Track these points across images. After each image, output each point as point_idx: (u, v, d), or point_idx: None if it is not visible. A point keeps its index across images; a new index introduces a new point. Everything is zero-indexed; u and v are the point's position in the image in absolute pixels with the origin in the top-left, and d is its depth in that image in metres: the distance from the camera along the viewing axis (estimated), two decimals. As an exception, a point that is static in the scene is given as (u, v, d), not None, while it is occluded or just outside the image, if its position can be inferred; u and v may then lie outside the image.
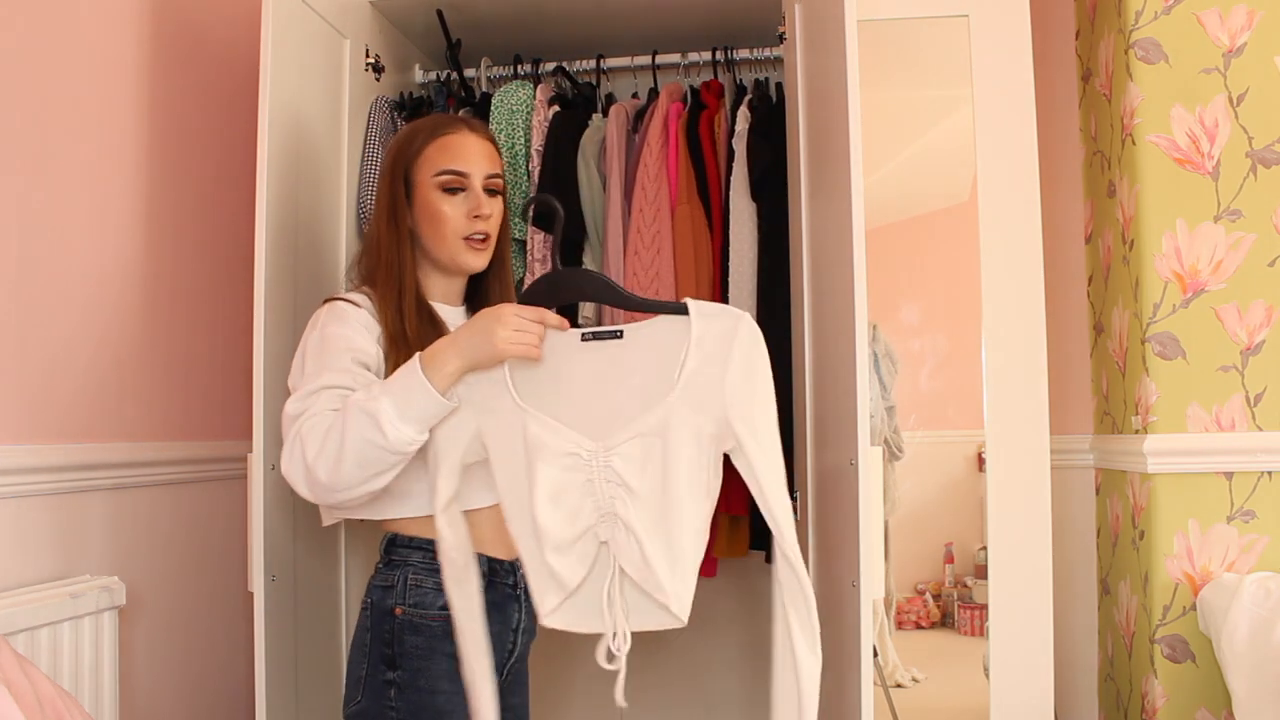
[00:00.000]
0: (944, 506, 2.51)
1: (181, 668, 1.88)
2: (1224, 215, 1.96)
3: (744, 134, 1.96)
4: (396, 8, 2.05)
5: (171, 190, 1.89)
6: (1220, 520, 1.93)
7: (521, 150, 2.01)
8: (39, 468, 1.55)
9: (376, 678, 1.35)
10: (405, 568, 1.38)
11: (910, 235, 2.49)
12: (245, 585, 1.62)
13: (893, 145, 2.36)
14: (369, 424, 1.20)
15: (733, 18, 2.11)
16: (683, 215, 1.96)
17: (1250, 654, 1.74)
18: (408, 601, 1.36)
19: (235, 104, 2.04)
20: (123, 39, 1.77)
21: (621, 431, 1.25)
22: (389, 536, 1.42)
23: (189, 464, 1.90)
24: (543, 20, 2.14)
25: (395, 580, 1.38)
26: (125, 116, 1.77)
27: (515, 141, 2.00)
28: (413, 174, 1.45)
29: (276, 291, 1.64)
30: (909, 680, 2.38)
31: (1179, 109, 1.98)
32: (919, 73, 2.25)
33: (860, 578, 1.45)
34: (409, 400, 1.22)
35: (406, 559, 1.39)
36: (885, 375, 2.32)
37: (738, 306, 1.94)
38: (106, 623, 1.58)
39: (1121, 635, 2.11)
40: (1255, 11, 1.96)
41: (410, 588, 1.37)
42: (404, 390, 1.22)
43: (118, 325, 1.75)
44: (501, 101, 2.02)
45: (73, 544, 1.62)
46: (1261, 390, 1.94)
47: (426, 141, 1.46)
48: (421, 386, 1.22)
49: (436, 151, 1.45)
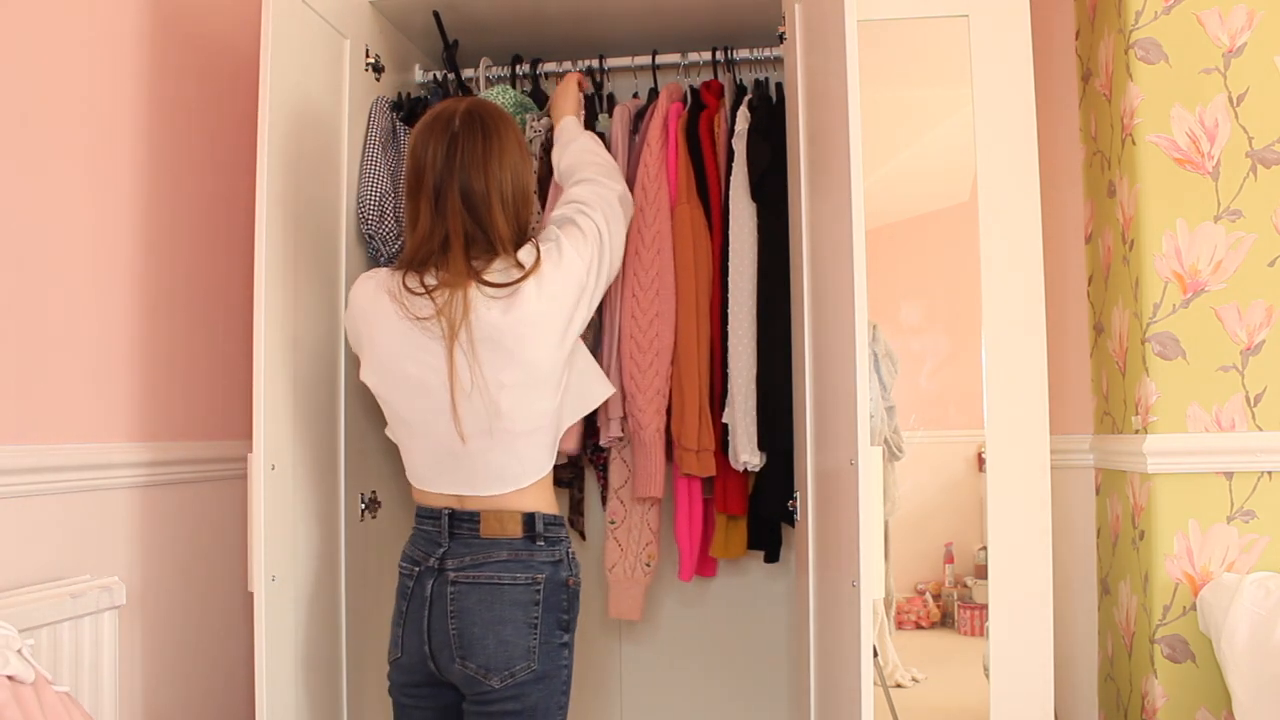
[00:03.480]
0: (944, 506, 2.51)
1: (181, 668, 1.88)
2: (1224, 215, 1.96)
3: (744, 134, 1.96)
4: (396, 8, 2.05)
5: (171, 190, 1.89)
6: (1220, 520, 1.93)
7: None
8: (39, 468, 1.55)
9: (552, 643, 1.52)
10: (561, 543, 1.56)
11: (910, 235, 2.49)
12: (245, 585, 1.62)
13: (893, 145, 2.36)
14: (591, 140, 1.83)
15: (733, 18, 2.11)
16: (682, 215, 1.96)
17: (1250, 654, 1.74)
18: (574, 572, 1.57)
19: (235, 104, 2.04)
20: (122, 39, 1.77)
21: None
22: (539, 516, 1.54)
23: (189, 464, 1.90)
24: (543, 20, 2.14)
25: (560, 555, 1.55)
26: (125, 116, 1.77)
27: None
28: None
29: (277, 291, 1.64)
30: (909, 680, 2.38)
31: (1179, 109, 1.98)
32: (919, 73, 2.25)
33: (860, 578, 1.45)
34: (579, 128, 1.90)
35: (559, 535, 1.56)
36: (885, 375, 2.32)
37: (738, 306, 1.95)
38: (106, 623, 1.58)
39: (1121, 635, 2.11)
40: (1255, 11, 1.96)
41: (572, 560, 1.58)
42: (576, 128, 1.88)
43: (118, 325, 1.75)
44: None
45: (73, 544, 1.62)
46: (1261, 390, 1.94)
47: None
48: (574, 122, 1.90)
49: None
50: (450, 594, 1.50)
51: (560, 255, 1.55)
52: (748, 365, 1.93)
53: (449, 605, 1.50)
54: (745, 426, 1.92)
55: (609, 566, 2.05)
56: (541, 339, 1.50)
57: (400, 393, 1.55)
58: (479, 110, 1.56)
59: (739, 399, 1.93)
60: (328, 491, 1.80)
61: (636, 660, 2.42)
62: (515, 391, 1.50)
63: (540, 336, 1.50)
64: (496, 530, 1.52)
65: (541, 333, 1.50)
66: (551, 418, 1.55)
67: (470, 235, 1.51)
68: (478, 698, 1.49)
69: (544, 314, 1.50)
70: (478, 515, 1.53)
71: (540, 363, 1.51)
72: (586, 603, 2.41)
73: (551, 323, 1.51)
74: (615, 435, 1.97)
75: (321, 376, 1.78)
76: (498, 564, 1.50)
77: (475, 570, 1.51)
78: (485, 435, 1.51)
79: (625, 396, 1.94)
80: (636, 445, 1.95)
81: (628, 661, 2.42)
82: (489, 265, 1.51)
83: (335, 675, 1.80)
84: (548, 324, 1.51)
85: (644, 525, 2.03)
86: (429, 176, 1.52)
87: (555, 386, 1.54)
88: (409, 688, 1.57)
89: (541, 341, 1.50)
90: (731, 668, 2.37)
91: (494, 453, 1.52)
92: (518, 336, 1.48)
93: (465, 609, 1.49)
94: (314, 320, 1.76)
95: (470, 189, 1.51)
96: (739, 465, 1.94)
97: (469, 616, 1.49)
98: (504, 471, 1.53)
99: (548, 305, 1.50)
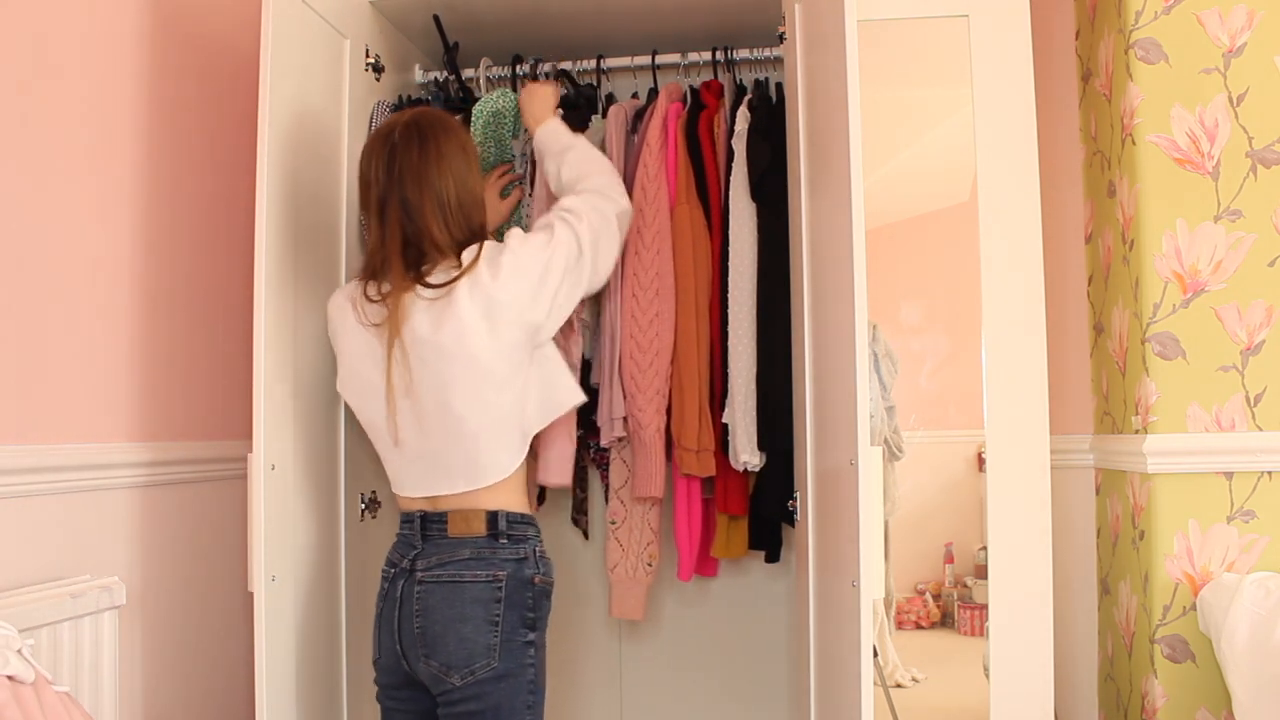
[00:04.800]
0: (944, 506, 2.51)
1: (181, 668, 1.88)
2: (1224, 215, 1.96)
3: (744, 134, 1.96)
4: (396, 8, 2.05)
5: (171, 190, 1.89)
6: (1220, 520, 1.93)
7: (493, 159, 1.98)
8: (39, 468, 1.55)
9: (515, 641, 1.52)
10: (528, 541, 1.57)
11: (910, 235, 2.49)
12: (245, 585, 1.62)
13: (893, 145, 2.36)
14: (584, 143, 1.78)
15: (733, 18, 2.10)
16: (682, 215, 1.96)
17: (1250, 654, 1.74)
18: (540, 570, 1.57)
19: (235, 104, 2.04)
20: (122, 38, 1.77)
21: None
22: (502, 515, 1.55)
23: (189, 464, 1.90)
24: (543, 20, 2.14)
25: (525, 553, 1.56)
26: (125, 116, 1.77)
27: (487, 150, 1.96)
28: (477, 158, 1.68)
29: (277, 291, 1.64)
30: (909, 680, 2.38)
31: (1179, 109, 1.98)
32: (919, 73, 2.25)
33: (860, 578, 1.45)
34: (567, 132, 1.83)
35: (525, 534, 1.57)
36: (885, 375, 2.32)
37: (738, 306, 1.95)
38: (106, 623, 1.58)
39: (1121, 635, 2.11)
40: (1255, 11, 1.96)
41: (539, 559, 1.58)
42: (564, 131, 1.82)
43: (118, 325, 1.75)
44: (481, 110, 1.95)
45: (73, 544, 1.62)
46: (1261, 390, 1.94)
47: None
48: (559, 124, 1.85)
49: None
50: (417, 593, 1.53)
51: (504, 253, 1.56)
52: (748, 365, 1.93)
53: (415, 604, 1.53)
54: (745, 426, 1.92)
55: (611, 566, 2.05)
56: (476, 334, 1.52)
57: (364, 399, 1.61)
58: (419, 120, 1.60)
59: (739, 399, 1.93)
60: (328, 491, 1.80)
61: (637, 660, 2.42)
62: (462, 388, 1.53)
63: (474, 332, 1.51)
64: (462, 529, 1.55)
65: (475, 328, 1.51)
66: (509, 414, 1.56)
67: (412, 243, 1.56)
68: (443, 697, 1.51)
69: (477, 310, 1.52)
70: (446, 516, 1.56)
71: (480, 357, 1.52)
72: (588, 602, 2.43)
73: (489, 318, 1.52)
74: (616, 435, 1.97)
75: (321, 377, 1.78)
76: (460, 562, 1.53)
77: (440, 569, 1.53)
78: (442, 435, 1.55)
79: (625, 396, 1.94)
80: (637, 445, 1.95)
81: (628, 661, 2.42)
82: (434, 270, 1.56)
83: (335, 675, 1.80)
84: (482, 319, 1.52)
85: (645, 525, 2.03)
86: (374, 190, 1.58)
87: (505, 381, 1.55)
88: (390, 689, 1.60)
89: (476, 336, 1.52)
90: (732, 667, 2.37)
91: (454, 453, 1.55)
92: (454, 334, 1.52)
93: (429, 607, 1.52)
94: (314, 320, 1.76)
95: (407, 198, 1.55)
96: (739, 465, 1.94)
97: (432, 615, 1.51)
98: (466, 470, 1.56)
99: (482, 302, 1.52)
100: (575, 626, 2.43)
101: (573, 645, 2.43)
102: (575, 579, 2.41)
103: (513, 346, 1.55)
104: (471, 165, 1.62)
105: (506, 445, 1.57)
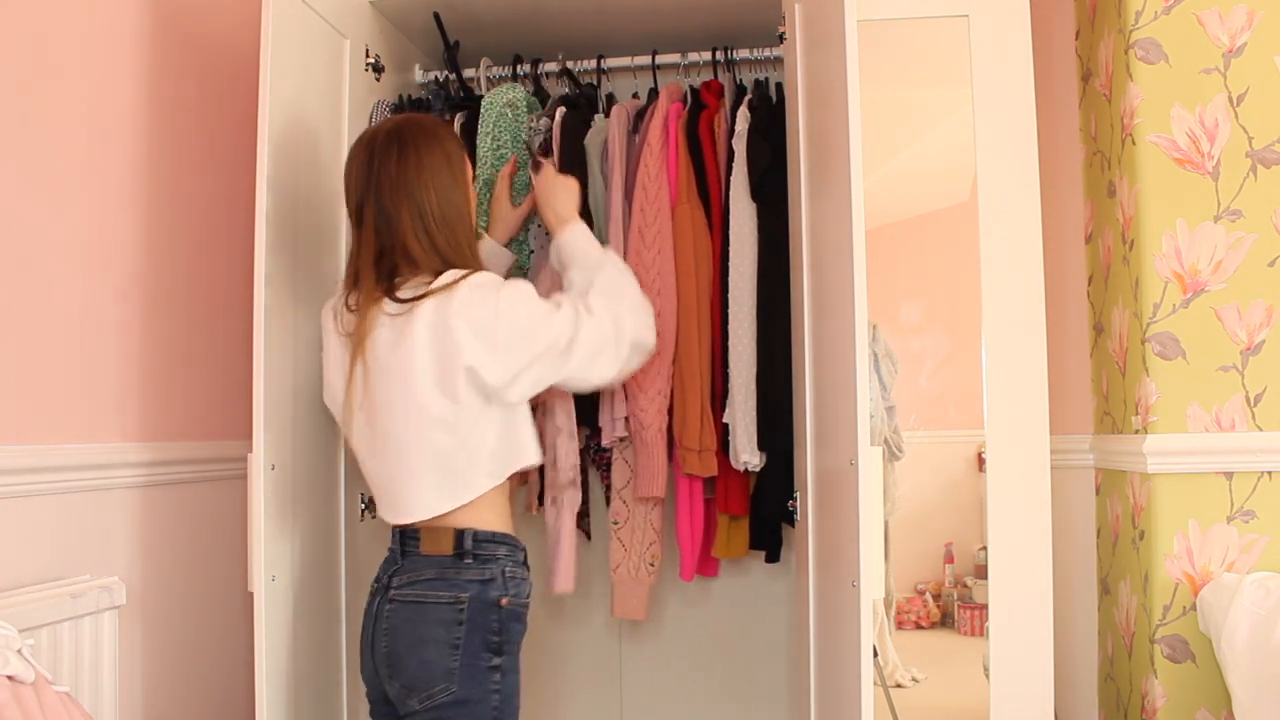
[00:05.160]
0: (944, 506, 2.51)
1: (181, 668, 1.88)
2: (1224, 215, 1.96)
3: (744, 134, 1.96)
4: (396, 8, 2.05)
5: (171, 190, 1.89)
6: (1220, 520, 1.93)
7: (507, 154, 1.97)
8: (39, 468, 1.55)
9: (477, 665, 1.44)
10: (497, 561, 1.48)
11: (910, 235, 2.49)
12: (245, 585, 1.62)
13: (893, 145, 2.36)
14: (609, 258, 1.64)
15: (733, 18, 2.10)
16: (683, 215, 1.96)
17: (1250, 654, 1.74)
18: (509, 591, 1.48)
19: (235, 104, 2.04)
20: (122, 39, 1.77)
21: None
22: (469, 533, 1.47)
23: (189, 464, 1.90)
24: (543, 20, 2.14)
25: (492, 573, 1.47)
26: (125, 116, 1.77)
27: (501, 144, 1.95)
28: (466, 173, 1.58)
29: (276, 291, 1.64)
30: (909, 680, 2.38)
31: (1179, 109, 1.98)
32: (919, 73, 2.25)
33: (860, 578, 1.45)
34: (593, 242, 1.68)
35: (495, 553, 1.49)
36: (885, 375, 2.32)
37: (738, 306, 1.95)
38: (106, 623, 1.58)
39: (1121, 635, 2.11)
40: (1255, 11, 1.96)
41: (509, 579, 1.49)
42: (588, 240, 1.67)
43: (117, 325, 1.75)
44: (491, 104, 1.95)
45: (73, 544, 1.62)
46: (1261, 390, 1.94)
47: (463, 145, 1.61)
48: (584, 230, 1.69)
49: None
50: (387, 612, 1.48)
51: (499, 291, 1.45)
52: (748, 365, 1.93)
53: (385, 623, 1.48)
54: (745, 426, 1.92)
55: (613, 567, 2.05)
56: (423, 365, 1.44)
57: (335, 410, 1.59)
58: (403, 127, 1.53)
59: (739, 399, 1.93)
60: (327, 491, 1.80)
61: (637, 660, 2.42)
62: (403, 418, 1.46)
63: (422, 362, 1.44)
64: (431, 547, 1.48)
65: (424, 358, 1.44)
66: (452, 457, 1.47)
67: (387, 254, 1.49)
68: (407, 719, 1.47)
69: (433, 338, 1.43)
70: (419, 532, 1.50)
71: (420, 390, 1.44)
72: (590, 602, 2.43)
73: (439, 352, 1.43)
74: (618, 435, 1.97)
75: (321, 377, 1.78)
76: (425, 582, 1.47)
77: (409, 588, 1.47)
78: (386, 461, 1.50)
79: (627, 396, 1.94)
80: (638, 445, 1.95)
81: (628, 661, 2.42)
82: (406, 284, 1.49)
83: (335, 675, 1.80)
84: (432, 349, 1.43)
85: (647, 525, 2.03)
86: (353, 197, 1.53)
87: (449, 425, 1.45)
88: (375, 704, 1.57)
89: (423, 368, 1.44)
90: (732, 667, 2.37)
91: (398, 483, 1.50)
92: (405, 358, 1.44)
93: (394, 627, 1.47)
94: (313, 320, 1.75)
95: (383, 207, 1.49)
96: (739, 465, 1.94)
97: (397, 635, 1.46)
98: (410, 505, 1.49)
99: (441, 331, 1.42)
100: (576, 626, 2.43)
101: (573, 645, 2.43)
102: (577, 579, 2.40)
103: (461, 391, 1.45)
104: (457, 177, 1.54)
105: (454, 487, 1.48)
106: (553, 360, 1.49)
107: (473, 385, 1.45)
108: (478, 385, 1.45)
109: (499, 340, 1.44)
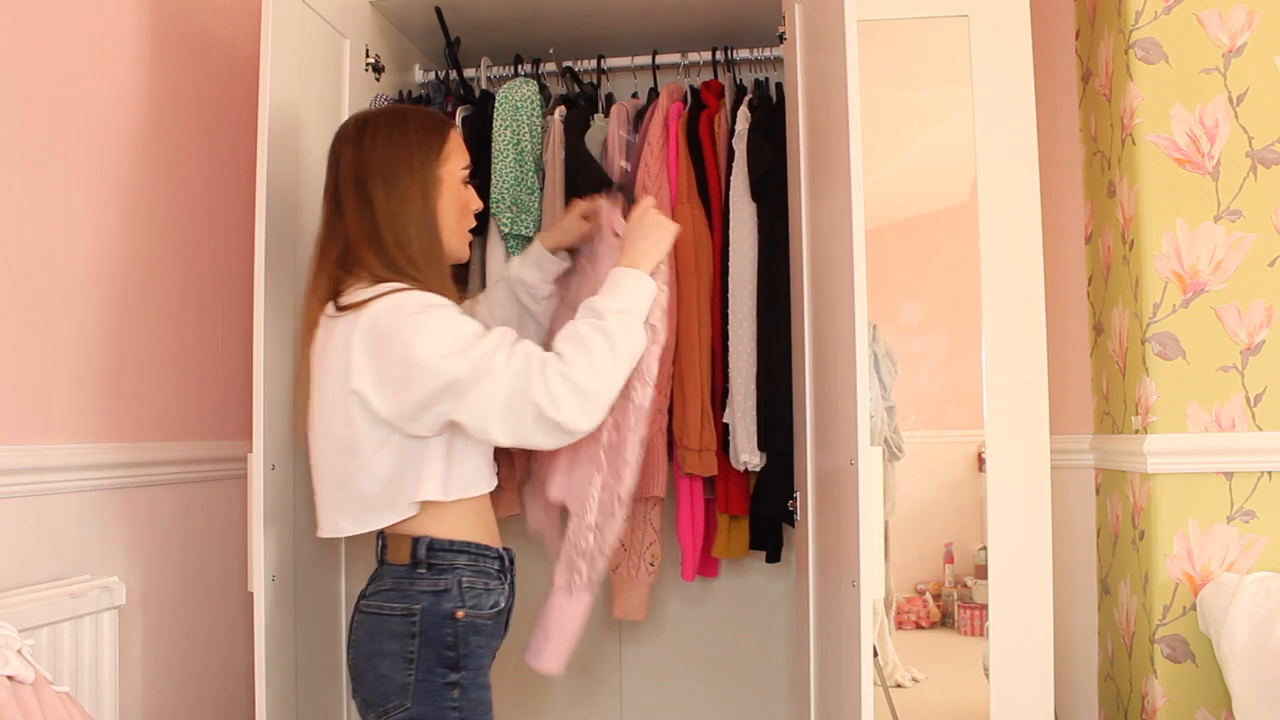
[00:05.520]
0: (944, 506, 2.51)
1: (181, 668, 1.88)
2: (1224, 215, 1.96)
3: (744, 134, 1.96)
4: (396, 7, 2.05)
5: (171, 189, 1.89)
6: (1220, 520, 1.93)
7: (528, 147, 1.99)
8: (39, 468, 1.55)
9: (433, 682, 1.34)
10: (454, 571, 1.39)
11: (910, 235, 2.49)
12: (245, 585, 1.62)
13: (893, 145, 2.36)
14: (638, 326, 1.43)
15: (733, 18, 2.11)
16: (683, 215, 1.96)
17: (1250, 654, 1.74)
18: (467, 604, 1.38)
19: (235, 103, 2.04)
20: (122, 38, 1.77)
21: None
22: (424, 541, 1.38)
23: (189, 464, 1.90)
24: (543, 20, 2.14)
25: (447, 584, 1.38)
26: (125, 116, 1.77)
27: (520, 138, 1.97)
28: (440, 168, 1.45)
29: (276, 291, 1.64)
30: (909, 680, 2.38)
31: (1179, 109, 1.98)
32: (919, 73, 2.25)
33: (860, 578, 1.45)
34: (646, 298, 1.46)
35: (453, 563, 1.39)
36: (885, 375, 2.32)
37: (738, 306, 1.95)
38: (106, 623, 1.58)
39: (1121, 635, 2.11)
40: (1255, 11, 1.96)
41: (466, 590, 1.39)
42: (641, 293, 1.45)
43: (117, 325, 1.75)
44: (506, 98, 1.98)
45: (73, 544, 1.62)
46: (1261, 390, 1.94)
47: (447, 135, 1.48)
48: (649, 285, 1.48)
49: (457, 146, 1.50)
50: (355, 622, 1.43)
51: (422, 314, 1.31)
52: (748, 365, 1.93)
53: (352, 634, 1.43)
54: (745, 426, 1.92)
55: (613, 567, 2.05)
56: (330, 385, 1.36)
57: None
58: (373, 116, 1.46)
59: (739, 399, 1.93)
60: (328, 491, 1.80)
61: (637, 660, 2.42)
62: (324, 430, 1.39)
63: (330, 381, 1.36)
64: (393, 555, 1.41)
65: (331, 379, 1.35)
66: (356, 481, 1.38)
67: (344, 251, 1.41)
68: None
69: (340, 359, 1.34)
70: (386, 538, 1.44)
71: (325, 411, 1.37)
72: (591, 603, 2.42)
73: (341, 375, 1.34)
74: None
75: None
76: (384, 593, 1.39)
77: (371, 599, 1.41)
78: (321, 470, 1.42)
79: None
80: (637, 445, 1.95)
81: (628, 661, 2.42)
82: (350, 287, 1.39)
83: (335, 675, 1.80)
84: (338, 373, 1.34)
85: (647, 525, 2.03)
86: (326, 186, 1.47)
87: (362, 448, 1.35)
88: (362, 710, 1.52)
89: (329, 389, 1.36)
90: (732, 667, 2.37)
91: (321, 498, 1.43)
92: (321, 369, 1.38)
93: (357, 640, 1.41)
94: (314, 320, 1.76)
95: (340, 200, 1.42)
96: (739, 465, 1.94)
97: (358, 648, 1.40)
98: (335, 516, 1.42)
99: (345, 351, 1.33)
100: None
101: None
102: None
103: (356, 414, 1.34)
104: (420, 174, 1.41)
105: (363, 510, 1.39)
106: (455, 399, 1.32)
107: (364, 410, 1.34)
108: (369, 412, 1.34)
109: (387, 374, 1.32)
